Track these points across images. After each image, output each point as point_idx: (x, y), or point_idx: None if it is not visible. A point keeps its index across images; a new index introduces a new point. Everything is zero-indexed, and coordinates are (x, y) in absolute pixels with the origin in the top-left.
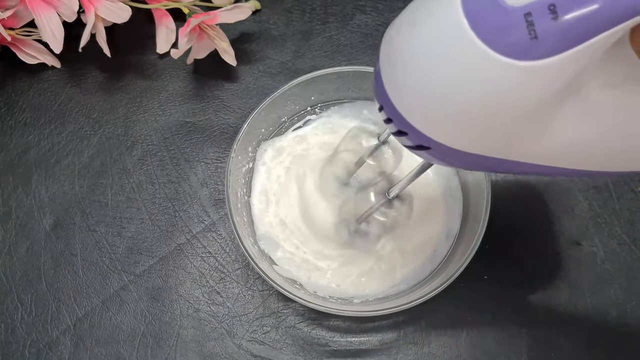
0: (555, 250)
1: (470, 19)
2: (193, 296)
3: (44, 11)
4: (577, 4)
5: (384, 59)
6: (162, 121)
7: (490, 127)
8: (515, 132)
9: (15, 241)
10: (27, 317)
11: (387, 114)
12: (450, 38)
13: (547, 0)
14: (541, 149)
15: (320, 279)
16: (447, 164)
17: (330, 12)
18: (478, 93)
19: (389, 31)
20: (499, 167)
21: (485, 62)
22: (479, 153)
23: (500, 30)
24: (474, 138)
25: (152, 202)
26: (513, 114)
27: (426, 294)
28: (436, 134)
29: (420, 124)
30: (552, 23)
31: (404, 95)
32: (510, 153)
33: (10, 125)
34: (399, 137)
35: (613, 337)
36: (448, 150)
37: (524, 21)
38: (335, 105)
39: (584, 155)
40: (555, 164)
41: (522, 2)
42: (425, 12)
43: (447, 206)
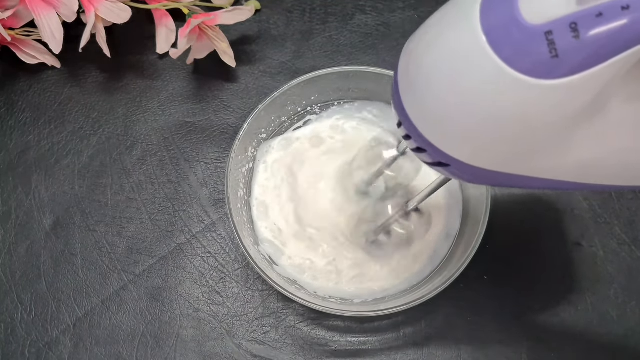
0: (555, 251)
1: (489, 37)
2: (193, 296)
3: (43, 11)
4: (599, 22)
5: (402, 74)
6: (162, 121)
7: (511, 146)
8: (536, 150)
9: (15, 241)
10: (27, 317)
11: (406, 130)
12: (469, 56)
13: (569, 18)
14: (563, 165)
15: (321, 279)
16: (467, 180)
17: (330, 12)
18: (498, 112)
19: (407, 45)
20: (519, 183)
21: (504, 80)
22: (499, 170)
23: (520, 49)
24: (494, 156)
25: (152, 202)
26: (533, 133)
27: (426, 294)
28: (456, 152)
29: (440, 141)
30: (574, 41)
31: (423, 113)
32: (531, 170)
33: (10, 125)
34: (418, 154)
35: (613, 337)
36: (468, 167)
37: (544, 39)
38: (335, 105)
39: (605, 170)
40: (576, 179)
41: (542, 20)
42: (444, 28)
43: (447, 206)
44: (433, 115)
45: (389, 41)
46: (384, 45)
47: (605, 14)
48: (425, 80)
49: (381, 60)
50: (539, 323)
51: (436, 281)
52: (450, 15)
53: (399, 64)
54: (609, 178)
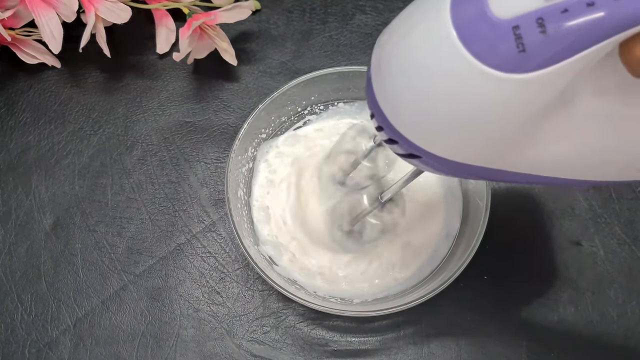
0: (556, 250)
1: (459, 31)
2: (193, 296)
3: (43, 11)
4: (565, 18)
5: (374, 66)
6: (162, 121)
7: (480, 139)
8: (505, 143)
9: (15, 241)
10: (27, 317)
11: (378, 122)
12: (439, 49)
13: (535, 13)
14: (533, 159)
15: (320, 279)
16: (439, 172)
17: (330, 12)
18: (467, 105)
19: (380, 38)
20: (491, 176)
21: (473, 74)
22: (470, 163)
23: (488, 43)
24: (464, 148)
25: (152, 202)
26: (502, 126)
27: (426, 294)
28: (426, 144)
29: (410, 133)
30: (540, 36)
31: (394, 105)
32: (501, 163)
33: (10, 125)
34: (390, 145)
35: (613, 337)
36: (438, 159)
37: (512, 34)
38: (335, 105)
39: (576, 165)
40: (547, 173)
41: (510, 15)
42: (415, 22)
43: (447, 206)
44: (403, 107)
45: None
46: None
47: (571, 9)
48: (396, 73)
49: None
50: (539, 323)
51: (436, 281)
52: (422, 8)
53: (372, 56)
54: (583, 173)
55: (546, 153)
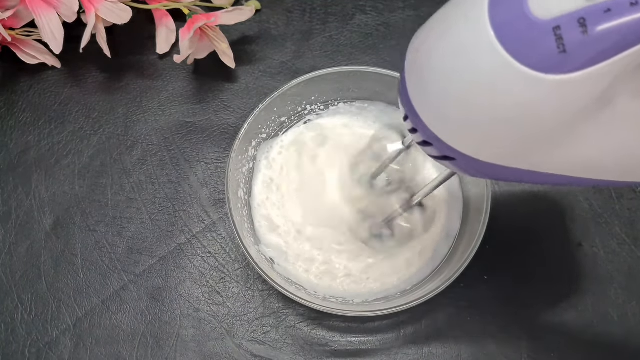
0: (556, 251)
1: (497, 31)
2: (193, 296)
3: (44, 11)
4: (608, 18)
5: (409, 68)
6: (162, 121)
7: (517, 140)
8: (542, 145)
9: (15, 241)
10: (27, 317)
11: (412, 123)
12: (477, 49)
13: (577, 13)
14: (568, 160)
15: (323, 278)
16: (472, 174)
17: (330, 12)
18: (504, 106)
19: (415, 40)
20: (524, 177)
21: (511, 74)
22: (505, 165)
23: (527, 43)
24: (500, 150)
25: (152, 202)
26: (540, 128)
27: (426, 294)
28: (462, 146)
29: (446, 135)
30: (582, 37)
31: (430, 106)
32: (537, 164)
33: (10, 125)
34: (424, 147)
35: (613, 337)
36: (474, 161)
37: (552, 35)
38: (335, 105)
39: (610, 166)
40: (582, 174)
41: (551, 15)
42: (452, 23)
43: (447, 206)
44: (440, 108)
45: (389, 41)
46: (384, 45)
47: (614, 9)
48: (432, 74)
49: (381, 60)
50: (540, 323)
51: (436, 281)
52: (459, 8)
53: (406, 57)
54: (615, 174)
55: (580, 154)
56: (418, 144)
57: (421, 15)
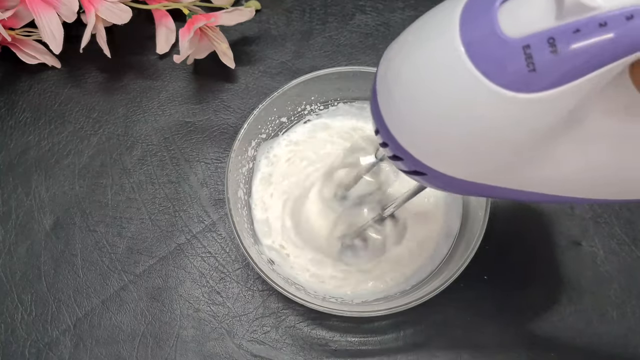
0: (555, 251)
1: (468, 48)
2: (193, 296)
3: (44, 11)
4: (577, 38)
5: (380, 82)
6: (162, 121)
7: (487, 157)
8: (512, 162)
9: (15, 241)
10: (27, 317)
11: (382, 138)
12: (447, 66)
13: (547, 33)
14: (540, 178)
15: (318, 280)
16: (443, 189)
17: (330, 12)
18: (474, 123)
19: (386, 54)
20: (496, 194)
21: (482, 92)
22: (475, 181)
23: (498, 62)
24: (470, 167)
25: (152, 202)
26: (510, 145)
27: (426, 294)
28: (432, 162)
29: (416, 150)
30: (551, 56)
31: (400, 121)
32: (508, 181)
33: (10, 125)
34: (395, 162)
35: (613, 337)
36: (444, 177)
37: (522, 53)
38: (335, 105)
39: (585, 185)
40: (555, 192)
41: (521, 34)
42: (423, 39)
43: (447, 206)
44: (410, 124)
45: (389, 41)
46: (384, 45)
47: (583, 30)
48: (402, 90)
49: None
50: (539, 323)
51: (436, 281)
52: (430, 25)
53: (377, 71)
54: (590, 192)
55: (555, 172)
56: (389, 157)
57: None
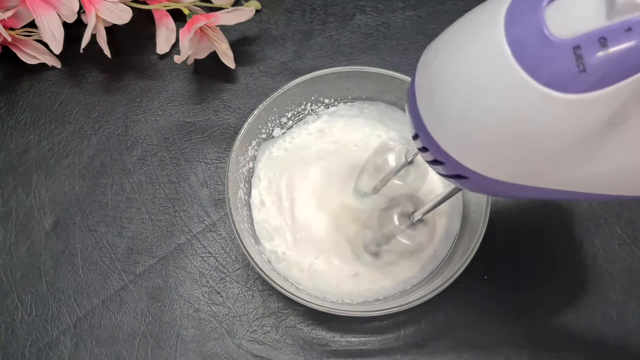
0: (556, 251)
1: (515, 50)
2: (193, 296)
3: (44, 12)
4: (629, 37)
5: (420, 84)
6: (162, 121)
7: (533, 159)
8: (556, 162)
9: (15, 241)
10: (27, 317)
11: (423, 142)
12: (493, 67)
13: (598, 32)
14: (582, 177)
15: (318, 280)
16: (482, 191)
17: (330, 12)
18: (521, 125)
19: (426, 55)
20: (536, 194)
21: (529, 93)
22: (518, 182)
23: (546, 62)
24: (514, 168)
25: (152, 202)
26: (555, 146)
27: (426, 294)
28: (475, 165)
29: (459, 154)
30: (602, 56)
31: (442, 125)
32: (550, 182)
33: (10, 125)
34: (435, 166)
35: (613, 337)
36: (486, 180)
37: (572, 54)
38: (335, 105)
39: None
40: (595, 191)
41: (570, 35)
42: (467, 38)
43: (447, 206)
44: (453, 127)
45: (389, 41)
46: (384, 45)
47: (635, 28)
48: (445, 91)
49: (381, 60)
50: (539, 323)
51: (436, 281)
52: (473, 24)
53: (415, 74)
54: (627, 189)
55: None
56: (428, 162)
57: (421, 15)
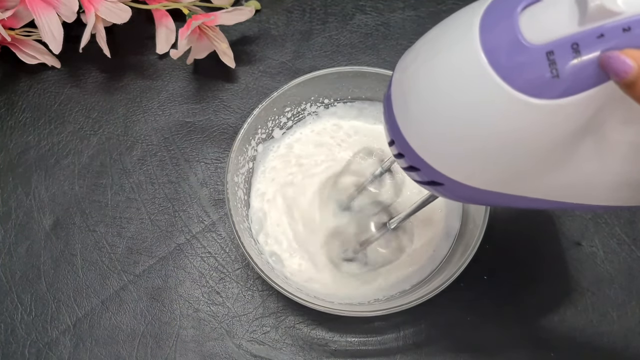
0: (555, 251)
1: (490, 56)
2: (193, 296)
3: (43, 11)
4: (601, 43)
5: (396, 91)
6: (162, 121)
7: (506, 164)
8: (530, 169)
9: (15, 241)
10: (27, 317)
11: (398, 149)
12: (468, 73)
13: (571, 38)
14: (557, 185)
15: (318, 283)
16: (457, 199)
17: (330, 12)
18: (494, 129)
19: (403, 60)
20: (511, 202)
21: (504, 99)
22: (493, 190)
23: (519, 68)
24: (490, 175)
25: (152, 202)
26: (530, 152)
27: (426, 294)
28: (451, 171)
29: (434, 160)
30: (575, 62)
31: (418, 131)
32: (524, 189)
33: (10, 125)
34: (410, 173)
35: (613, 337)
36: (462, 187)
37: (545, 59)
38: (335, 105)
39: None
40: (571, 200)
41: (544, 40)
42: (442, 45)
43: (447, 206)
44: (428, 133)
45: (389, 41)
46: (384, 45)
47: (607, 35)
48: (421, 97)
49: (381, 60)
50: (539, 323)
51: (436, 281)
52: (449, 31)
53: (392, 81)
54: (607, 198)
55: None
56: (403, 169)
57: (421, 15)
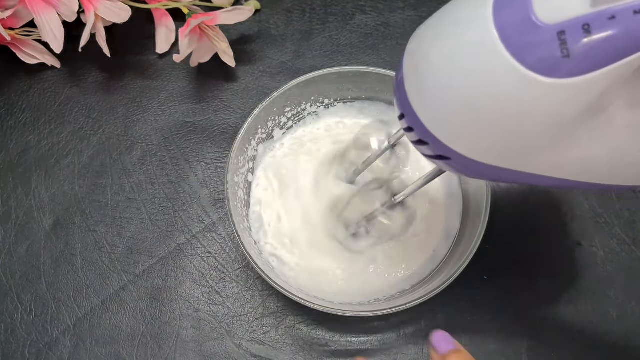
0: (556, 250)
1: (502, 34)
2: (193, 296)
3: (44, 11)
4: (612, 24)
5: (408, 65)
6: (162, 121)
7: (515, 141)
8: (538, 147)
9: (15, 241)
10: (27, 317)
11: (408, 122)
12: (480, 49)
13: (582, 19)
14: (562, 163)
15: (318, 282)
16: (464, 174)
17: (330, 12)
18: (503, 106)
19: (415, 37)
20: (516, 179)
21: (514, 76)
22: (499, 165)
23: (531, 46)
24: (497, 151)
25: (152, 202)
26: (537, 129)
27: (426, 294)
28: (458, 146)
29: (443, 134)
30: (586, 42)
31: (428, 105)
32: (532, 166)
33: (10, 125)
34: (419, 146)
35: (613, 337)
36: (469, 161)
37: (557, 39)
38: (335, 105)
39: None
40: (577, 178)
41: (556, 20)
42: (455, 21)
43: (447, 206)
44: (438, 107)
45: (389, 41)
46: (384, 45)
47: (618, 16)
48: (432, 72)
49: (381, 60)
50: (539, 323)
51: (436, 281)
52: (463, 8)
53: (405, 54)
54: (610, 177)
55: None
56: (412, 142)
57: (421, 15)
